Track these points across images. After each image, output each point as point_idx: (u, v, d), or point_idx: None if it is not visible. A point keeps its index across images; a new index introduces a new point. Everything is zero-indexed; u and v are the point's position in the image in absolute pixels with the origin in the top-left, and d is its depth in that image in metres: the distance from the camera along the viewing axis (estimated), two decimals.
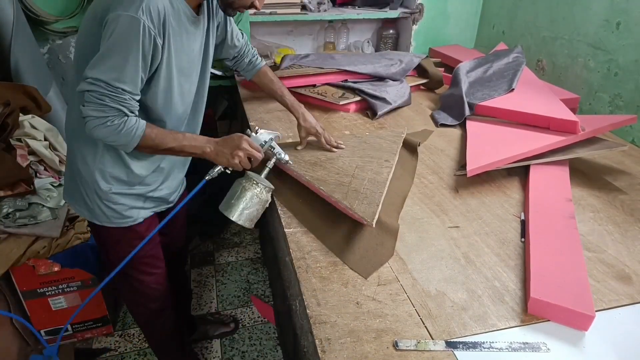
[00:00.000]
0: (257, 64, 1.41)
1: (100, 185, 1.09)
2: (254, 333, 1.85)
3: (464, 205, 1.17)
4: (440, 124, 1.64)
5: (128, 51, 0.89)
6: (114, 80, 0.90)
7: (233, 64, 1.41)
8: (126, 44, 0.89)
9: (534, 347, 0.77)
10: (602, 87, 1.70)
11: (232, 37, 1.31)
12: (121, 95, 0.92)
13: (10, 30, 1.63)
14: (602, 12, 1.67)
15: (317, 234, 1.04)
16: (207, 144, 1.05)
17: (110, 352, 1.75)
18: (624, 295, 0.88)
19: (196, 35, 1.08)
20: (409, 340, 0.77)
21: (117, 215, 1.14)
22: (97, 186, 1.09)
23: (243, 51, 1.38)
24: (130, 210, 1.16)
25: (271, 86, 1.39)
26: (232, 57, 1.37)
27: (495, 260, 0.97)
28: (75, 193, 1.14)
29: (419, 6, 2.34)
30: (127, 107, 0.94)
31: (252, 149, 1.04)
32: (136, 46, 0.89)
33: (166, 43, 0.97)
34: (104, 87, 0.90)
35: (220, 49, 1.31)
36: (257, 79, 1.42)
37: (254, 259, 2.27)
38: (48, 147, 1.61)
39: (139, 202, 1.17)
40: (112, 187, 1.11)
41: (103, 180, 1.09)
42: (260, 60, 1.42)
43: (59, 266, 1.53)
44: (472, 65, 1.90)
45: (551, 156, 1.30)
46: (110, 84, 0.90)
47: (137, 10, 0.88)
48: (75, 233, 1.53)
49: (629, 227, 1.10)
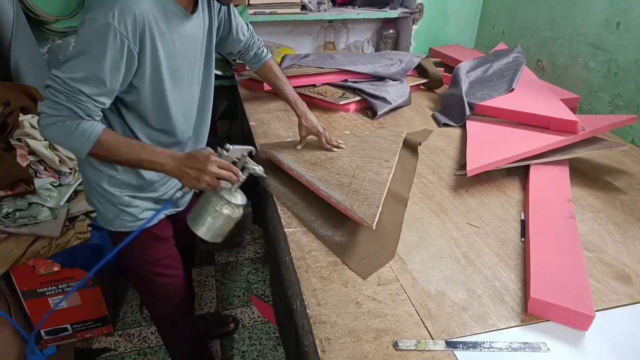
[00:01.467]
0: (262, 57, 1.36)
1: (112, 191, 1.08)
2: (254, 333, 1.85)
3: (464, 205, 1.17)
4: (442, 124, 1.64)
5: (94, 55, 0.86)
6: (72, 80, 0.86)
7: (238, 57, 1.36)
8: (93, 47, 0.86)
9: (534, 347, 0.77)
10: (602, 87, 1.70)
11: (237, 31, 1.25)
12: (77, 96, 0.87)
13: (10, 30, 1.64)
14: (602, 12, 1.67)
15: (317, 234, 1.04)
16: (169, 161, 0.96)
17: (110, 352, 1.75)
18: (624, 295, 0.88)
19: (192, 36, 1.03)
20: (409, 340, 0.77)
21: (131, 218, 1.13)
22: (109, 192, 1.08)
23: (249, 44, 1.33)
24: (144, 212, 1.14)
25: (275, 81, 1.36)
26: (237, 51, 1.33)
27: (495, 260, 0.97)
28: (93, 199, 1.14)
29: (419, 6, 2.34)
30: (83, 109, 0.89)
31: (222, 170, 0.96)
32: (103, 51, 0.85)
33: (147, 49, 0.91)
34: (60, 83, 0.86)
35: (224, 43, 1.27)
36: (261, 72, 1.38)
37: (254, 259, 2.27)
38: (48, 147, 1.61)
39: (151, 205, 1.16)
40: (124, 192, 1.09)
41: (114, 186, 1.08)
42: (266, 52, 1.37)
43: (59, 266, 1.53)
44: (472, 65, 1.90)
45: (551, 156, 1.30)
46: (68, 83, 0.86)
47: (110, 16, 0.83)
48: (75, 233, 1.52)
49: (629, 227, 1.10)
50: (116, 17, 0.84)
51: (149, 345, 1.78)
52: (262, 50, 1.37)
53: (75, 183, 1.63)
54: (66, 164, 1.66)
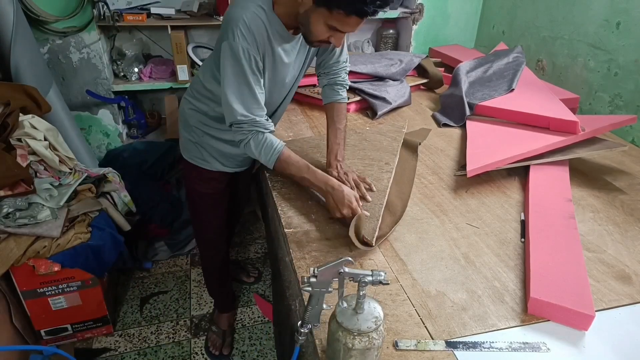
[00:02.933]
0: (340, 95, 1.35)
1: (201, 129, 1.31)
2: (254, 333, 1.85)
3: (464, 205, 1.17)
4: (442, 124, 1.64)
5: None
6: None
7: (322, 70, 1.36)
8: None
9: (534, 347, 0.77)
10: (602, 87, 1.70)
11: (338, 53, 1.32)
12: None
13: (10, 30, 1.63)
14: (602, 12, 1.67)
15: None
16: (327, 186, 1.08)
17: (110, 352, 1.75)
18: (624, 295, 0.88)
19: (291, 52, 1.17)
20: (409, 340, 0.77)
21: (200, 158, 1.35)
22: (198, 129, 1.31)
23: (339, 67, 1.35)
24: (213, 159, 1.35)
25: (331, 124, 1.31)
26: (325, 63, 1.34)
27: (495, 260, 0.97)
28: (182, 131, 1.37)
29: (419, 6, 2.34)
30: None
31: (357, 207, 1.03)
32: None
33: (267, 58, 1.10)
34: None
35: (321, 52, 1.32)
36: (328, 108, 1.35)
37: (254, 259, 2.27)
38: (48, 147, 1.60)
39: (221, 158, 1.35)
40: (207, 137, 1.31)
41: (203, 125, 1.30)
42: (344, 95, 1.36)
43: (59, 266, 1.53)
44: (472, 65, 1.90)
45: (551, 156, 1.30)
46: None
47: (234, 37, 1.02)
48: (75, 233, 1.52)
49: (629, 227, 1.10)
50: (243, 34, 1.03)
51: (149, 345, 1.78)
52: (341, 87, 1.36)
53: (75, 183, 1.63)
54: (66, 164, 1.65)
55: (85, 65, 2.01)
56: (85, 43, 1.97)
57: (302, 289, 0.71)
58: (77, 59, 1.99)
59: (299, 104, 1.81)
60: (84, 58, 1.99)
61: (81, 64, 2.00)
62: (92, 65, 2.01)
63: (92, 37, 1.95)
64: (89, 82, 2.05)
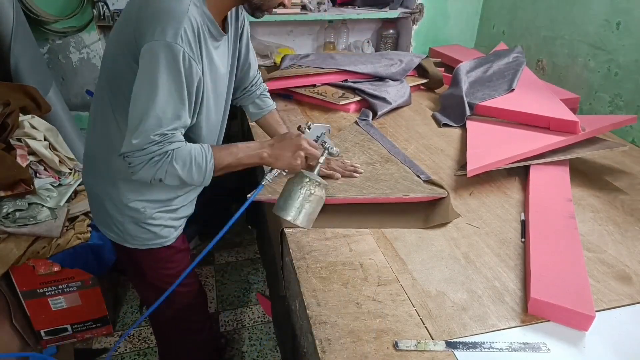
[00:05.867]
0: (269, 103, 1.27)
1: (137, 207, 1.04)
2: (254, 333, 1.85)
3: (464, 205, 1.17)
4: (442, 124, 1.64)
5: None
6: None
7: (242, 95, 1.27)
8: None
9: (534, 347, 0.77)
10: (602, 87, 1.70)
11: (251, 63, 1.20)
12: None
13: (10, 31, 1.64)
14: (602, 12, 1.67)
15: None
16: (262, 149, 0.98)
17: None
18: (624, 295, 0.88)
19: (222, 53, 1.01)
20: (409, 341, 0.77)
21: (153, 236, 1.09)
22: (132, 209, 1.03)
23: (257, 80, 1.26)
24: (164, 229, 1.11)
25: (277, 127, 1.26)
26: (243, 86, 1.25)
27: (496, 260, 0.97)
28: (105, 217, 1.08)
29: (419, 6, 2.34)
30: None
31: (312, 147, 0.98)
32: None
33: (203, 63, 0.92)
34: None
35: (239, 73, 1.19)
36: (264, 120, 1.28)
37: (254, 259, 2.27)
38: (48, 147, 1.61)
39: (171, 222, 1.12)
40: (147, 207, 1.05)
41: (138, 202, 1.03)
42: (272, 101, 1.29)
43: (59, 266, 1.53)
44: (472, 65, 1.89)
45: (551, 156, 1.30)
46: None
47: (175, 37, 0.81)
48: (75, 233, 1.52)
49: (629, 227, 1.10)
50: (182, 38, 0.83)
51: (149, 346, 1.78)
52: (267, 94, 1.29)
53: (75, 183, 1.63)
54: (66, 164, 1.66)
55: (85, 65, 2.01)
56: (85, 43, 1.97)
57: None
58: (77, 59, 2.00)
59: (299, 104, 1.81)
60: (83, 58, 2.00)
61: (81, 64, 2.00)
62: (92, 65, 2.02)
63: (92, 37, 1.96)
64: (89, 82, 2.05)
